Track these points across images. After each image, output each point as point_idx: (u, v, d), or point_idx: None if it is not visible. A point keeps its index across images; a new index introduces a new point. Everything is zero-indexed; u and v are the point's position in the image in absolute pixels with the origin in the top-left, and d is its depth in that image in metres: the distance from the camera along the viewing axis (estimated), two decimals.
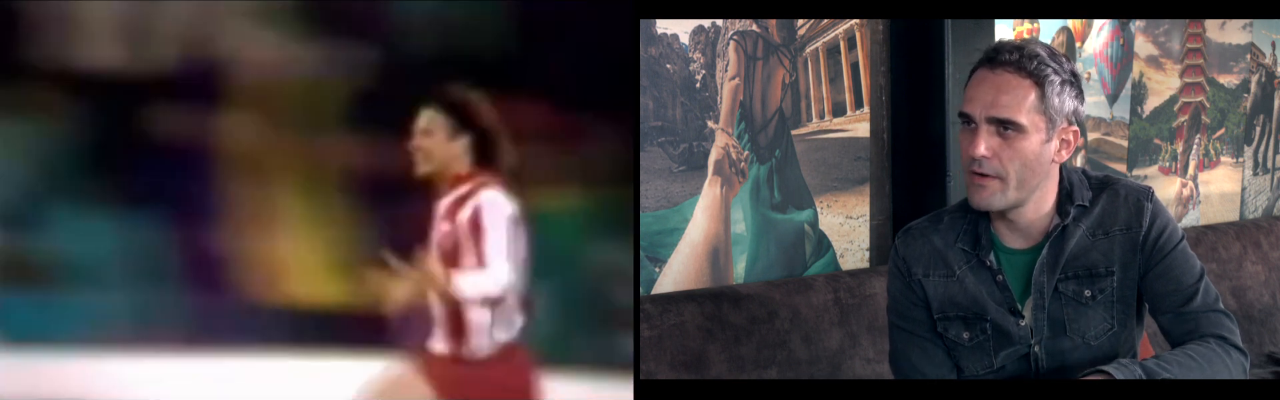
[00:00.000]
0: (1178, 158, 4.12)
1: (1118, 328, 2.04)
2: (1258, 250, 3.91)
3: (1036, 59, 1.91)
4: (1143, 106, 3.95)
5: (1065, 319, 2.03)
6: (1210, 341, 1.96)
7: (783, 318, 2.72)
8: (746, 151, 2.85)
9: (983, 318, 2.05)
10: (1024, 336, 2.05)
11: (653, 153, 2.67)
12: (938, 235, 2.09)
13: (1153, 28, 3.94)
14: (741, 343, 2.63)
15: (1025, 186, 1.95)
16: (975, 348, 2.07)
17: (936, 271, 2.08)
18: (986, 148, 1.91)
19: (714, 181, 2.79)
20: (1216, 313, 2.00)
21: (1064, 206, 2.02)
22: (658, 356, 2.50)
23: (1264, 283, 3.89)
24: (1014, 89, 1.90)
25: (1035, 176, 1.95)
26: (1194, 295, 2.00)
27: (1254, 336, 3.79)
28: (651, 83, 2.65)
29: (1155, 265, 2.01)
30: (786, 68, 2.91)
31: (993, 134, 1.92)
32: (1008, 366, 2.07)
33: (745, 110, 2.83)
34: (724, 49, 2.79)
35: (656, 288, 2.70)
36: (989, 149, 1.91)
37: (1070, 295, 2.02)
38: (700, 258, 2.78)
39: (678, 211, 2.73)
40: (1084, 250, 2.01)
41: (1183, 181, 4.16)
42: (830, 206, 3.04)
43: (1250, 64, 4.34)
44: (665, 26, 2.67)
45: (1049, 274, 2.02)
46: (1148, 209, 2.02)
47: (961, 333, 2.07)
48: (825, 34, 2.98)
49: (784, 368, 2.69)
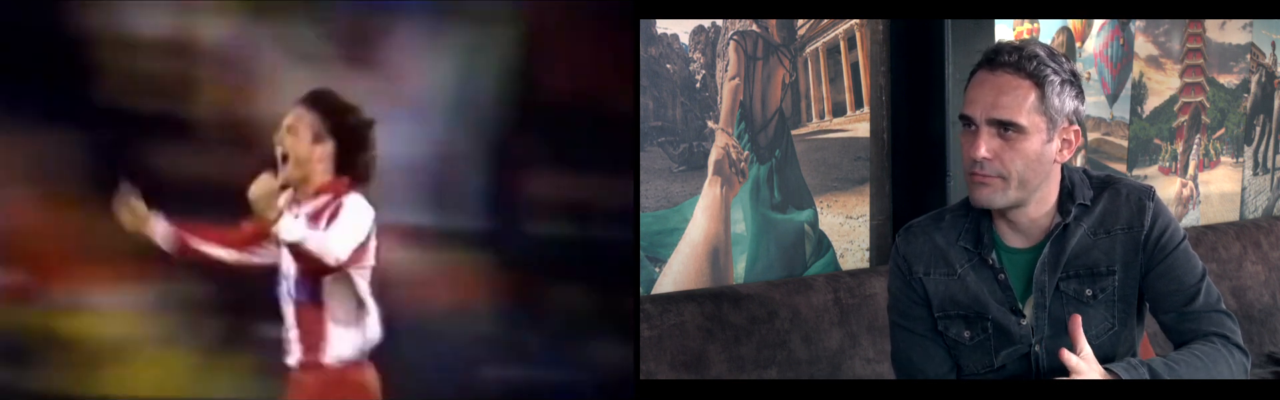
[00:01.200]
0: (1178, 158, 4.12)
1: (1118, 327, 2.04)
2: (1258, 250, 3.91)
3: (1036, 59, 1.91)
4: (1143, 106, 3.95)
5: (1066, 318, 2.02)
6: (1213, 341, 1.97)
7: (783, 318, 2.71)
8: (746, 151, 2.84)
9: (984, 317, 2.05)
10: (1025, 336, 2.04)
11: (653, 153, 2.67)
12: (939, 234, 2.09)
13: (1153, 28, 3.94)
14: (741, 343, 2.63)
15: (1027, 186, 1.95)
16: (976, 347, 2.07)
17: (937, 270, 2.08)
18: (988, 150, 1.91)
19: (714, 181, 2.79)
20: (1218, 313, 2.01)
21: (1065, 205, 2.01)
22: (658, 356, 2.50)
23: (1264, 283, 3.89)
24: (1014, 90, 1.90)
25: (1037, 176, 1.95)
26: (1196, 295, 2.00)
27: (1254, 336, 3.79)
28: (651, 83, 2.65)
29: (1157, 265, 2.01)
30: (786, 68, 2.91)
31: (994, 136, 1.92)
32: (1008, 366, 2.07)
33: (745, 110, 2.83)
34: (724, 49, 2.78)
35: (656, 288, 2.70)
36: (990, 151, 1.91)
37: (1071, 294, 2.02)
38: (700, 258, 2.78)
39: (678, 211, 2.73)
40: (1085, 249, 2.01)
41: (1183, 181, 4.16)
42: (830, 206, 3.03)
43: (1250, 64, 4.34)
44: (665, 26, 2.67)
45: (1050, 273, 2.02)
46: (1149, 208, 2.02)
47: (962, 331, 2.07)
48: (825, 34, 2.98)
49: (784, 368, 2.69)
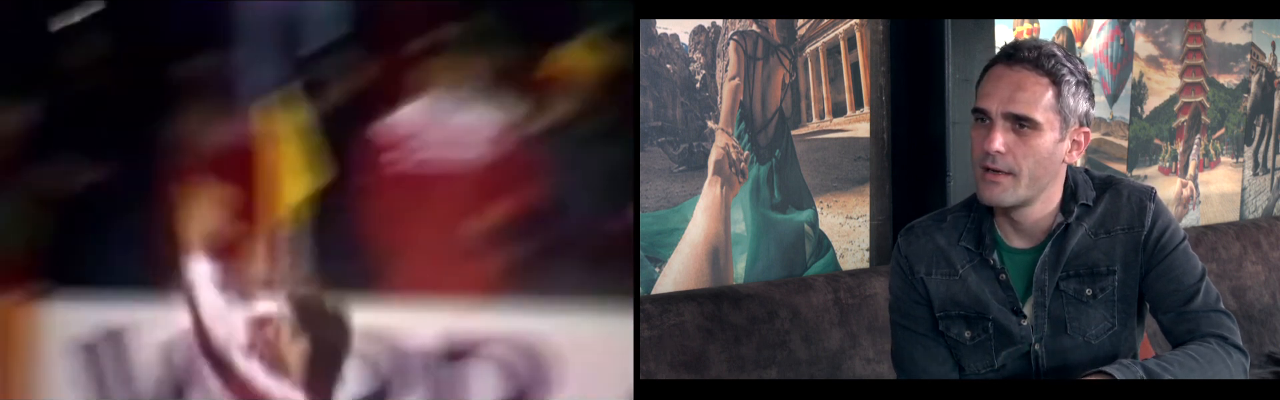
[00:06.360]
0: (1178, 158, 4.12)
1: (1118, 327, 2.04)
2: (1258, 250, 3.91)
3: (1054, 58, 1.92)
4: (1143, 106, 3.95)
5: (1066, 317, 2.03)
6: (1211, 341, 1.96)
7: (783, 318, 2.71)
8: (746, 151, 2.84)
9: (985, 317, 2.05)
10: (1025, 336, 2.04)
11: (653, 153, 2.67)
12: (941, 234, 2.09)
13: (1153, 28, 3.94)
14: (741, 343, 2.63)
15: (1036, 184, 1.95)
16: (976, 347, 2.07)
17: (939, 270, 2.08)
18: (1002, 143, 1.91)
19: (714, 181, 2.79)
20: (1217, 313, 2.01)
21: (1068, 205, 2.02)
22: (658, 356, 2.50)
23: (1264, 283, 3.89)
24: (1032, 86, 1.91)
25: (1046, 175, 1.95)
26: (1195, 295, 2.00)
27: (1254, 336, 3.79)
28: (651, 83, 2.65)
29: (1157, 265, 2.01)
30: (786, 68, 2.91)
31: (1008, 130, 1.92)
32: (1008, 365, 2.07)
33: (745, 110, 2.83)
34: (724, 49, 2.78)
35: (656, 288, 2.70)
36: (1004, 145, 1.91)
37: (1071, 294, 2.02)
38: (700, 258, 2.78)
39: (678, 211, 2.73)
40: (1086, 249, 2.01)
41: (1183, 181, 4.16)
42: (830, 206, 3.03)
43: (1250, 64, 4.34)
44: (665, 26, 2.67)
45: (1051, 272, 2.02)
46: (1150, 209, 2.02)
47: (963, 332, 2.07)
48: (825, 34, 2.98)
49: (784, 368, 2.69)
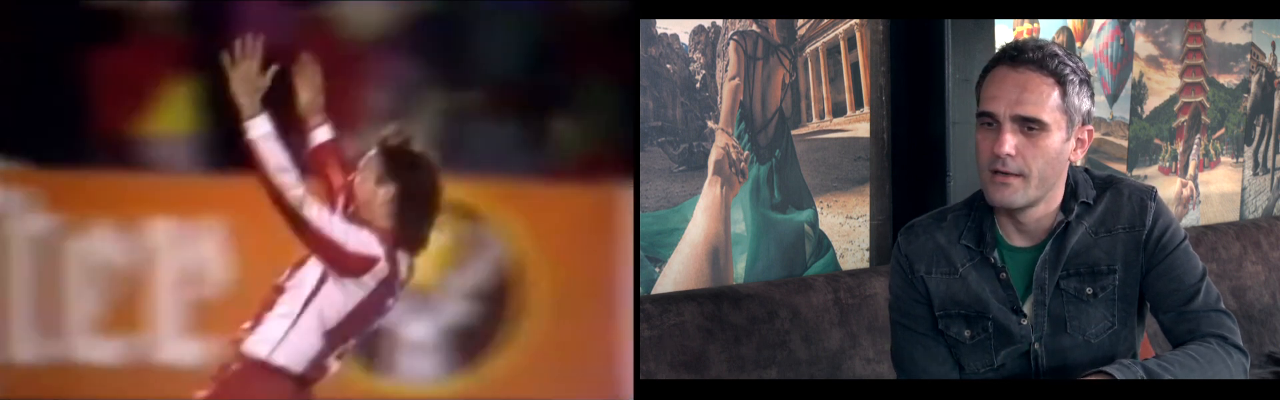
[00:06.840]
0: (1178, 158, 4.12)
1: (1118, 326, 2.04)
2: (1258, 250, 3.91)
3: (1057, 58, 1.92)
4: (1143, 106, 3.95)
5: (1066, 316, 2.03)
6: (1211, 341, 1.96)
7: (783, 318, 2.71)
8: (746, 151, 2.84)
9: (985, 316, 2.05)
10: (1025, 335, 2.04)
11: (653, 153, 2.67)
12: (941, 232, 2.09)
13: (1153, 28, 3.94)
14: (741, 343, 2.63)
15: (1045, 184, 1.95)
16: (976, 346, 2.07)
17: (939, 269, 2.07)
18: (1012, 146, 1.91)
19: (714, 181, 2.79)
20: (1217, 312, 2.01)
21: (1068, 203, 2.02)
22: (658, 356, 2.50)
23: (1264, 283, 3.89)
24: (1038, 87, 1.91)
25: (1054, 174, 1.96)
26: (1195, 295, 2.00)
27: (1254, 336, 3.79)
28: (651, 83, 2.65)
29: (1157, 264, 2.01)
30: (786, 68, 2.91)
31: (1017, 132, 1.91)
32: (1008, 365, 2.07)
33: (745, 110, 2.83)
34: (724, 49, 2.78)
35: (656, 288, 2.70)
36: (1014, 147, 1.91)
37: (1072, 292, 2.02)
38: (700, 258, 2.78)
39: (678, 211, 2.73)
40: (1086, 248, 2.01)
41: (1183, 181, 4.16)
42: (830, 206, 3.03)
43: (1250, 64, 4.34)
44: (665, 26, 2.67)
45: (1051, 271, 2.02)
46: (1151, 208, 2.02)
47: (963, 331, 2.07)
48: (825, 34, 2.98)
49: (784, 368, 2.69)
